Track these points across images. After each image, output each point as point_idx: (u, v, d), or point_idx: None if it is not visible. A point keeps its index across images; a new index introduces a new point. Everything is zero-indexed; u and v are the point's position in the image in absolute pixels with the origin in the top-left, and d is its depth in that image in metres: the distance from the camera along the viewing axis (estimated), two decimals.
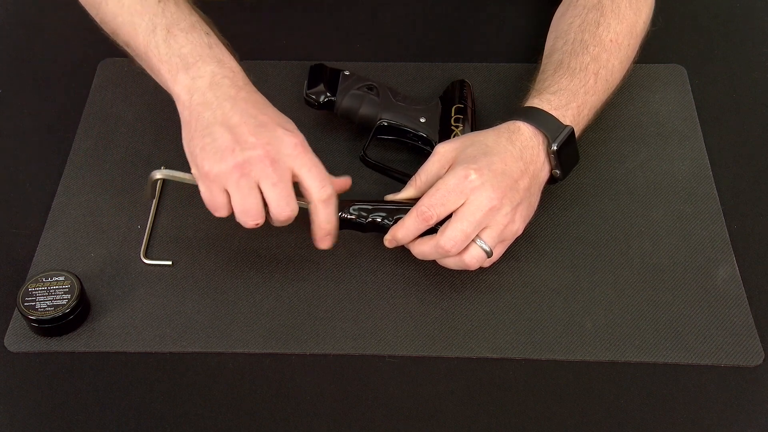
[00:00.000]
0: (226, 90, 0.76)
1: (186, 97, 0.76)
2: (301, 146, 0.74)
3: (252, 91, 0.78)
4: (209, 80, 0.76)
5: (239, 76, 0.78)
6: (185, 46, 0.77)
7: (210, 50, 0.78)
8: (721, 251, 0.82)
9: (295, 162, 0.74)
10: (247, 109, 0.75)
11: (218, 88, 0.76)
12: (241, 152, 0.72)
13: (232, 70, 0.77)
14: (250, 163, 0.72)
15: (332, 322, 0.78)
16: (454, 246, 0.74)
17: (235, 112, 0.74)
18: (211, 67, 0.77)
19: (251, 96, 0.77)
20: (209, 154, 0.73)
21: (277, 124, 0.75)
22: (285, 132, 0.74)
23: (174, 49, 0.77)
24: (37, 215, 0.86)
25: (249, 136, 0.73)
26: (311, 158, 0.75)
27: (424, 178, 0.78)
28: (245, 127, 0.73)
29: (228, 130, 0.73)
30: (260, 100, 0.77)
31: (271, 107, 0.77)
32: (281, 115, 0.77)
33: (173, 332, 0.78)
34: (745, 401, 0.73)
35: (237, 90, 0.76)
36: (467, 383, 0.75)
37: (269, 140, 0.73)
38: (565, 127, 0.79)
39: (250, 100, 0.76)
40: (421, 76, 0.98)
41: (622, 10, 0.88)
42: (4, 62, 1.02)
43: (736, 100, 0.96)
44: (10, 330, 0.78)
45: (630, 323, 0.78)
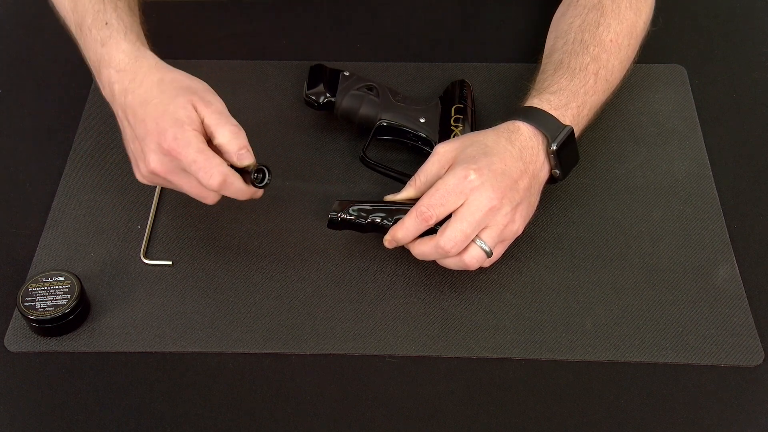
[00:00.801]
0: (119, 98, 0.78)
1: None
2: (176, 153, 0.74)
3: (137, 86, 0.77)
4: (108, 91, 0.80)
5: (124, 74, 0.78)
6: (89, 48, 0.80)
7: (103, 48, 0.79)
8: (721, 251, 0.82)
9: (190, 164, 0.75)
10: (134, 117, 0.77)
11: (116, 99, 0.79)
12: (141, 168, 0.78)
13: (117, 70, 0.78)
14: (150, 178, 0.78)
15: (332, 322, 0.78)
16: (454, 246, 0.74)
17: (128, 124, 0.78)
18: (106, 72, 0.79)
19: (134, 97, 0.77)
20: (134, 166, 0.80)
21: (154, 133, 0.75)
22: (161, 140, 0.74)
23: (86, 52, 0.82)
24: (37, 215, 0.86)
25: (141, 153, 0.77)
26: (186, 159, 0.74)
27: (423, 178, 0.78)
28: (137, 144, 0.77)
29: (131, 142, 0.79)
30: (142, 98, 0.76)
31: (151, 99, 0.76)
32: (161, 104, 0.76)
33: (173, 332, 0.78)
34: (745, 401, 0.73)
35: (124, 96, 0.78)
36: (467, 383, 0.75)
37: (151, 154, 0.75)
38: (565, 127, 0.79)
39: (133, 104, 0.77)
40: (421, 76, 0.98)
41: (622, 11, 0.88)
42: (4, 62, 1.02)
43: (736, 100, 0.96)
44: (10, 330, 0.78)
45: (630, 323, 0.78)
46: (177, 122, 0.74)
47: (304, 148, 0.91)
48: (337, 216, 0.79)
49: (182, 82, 0.78)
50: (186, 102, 0.76)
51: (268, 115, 0.94)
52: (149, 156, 0.75)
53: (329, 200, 0.81)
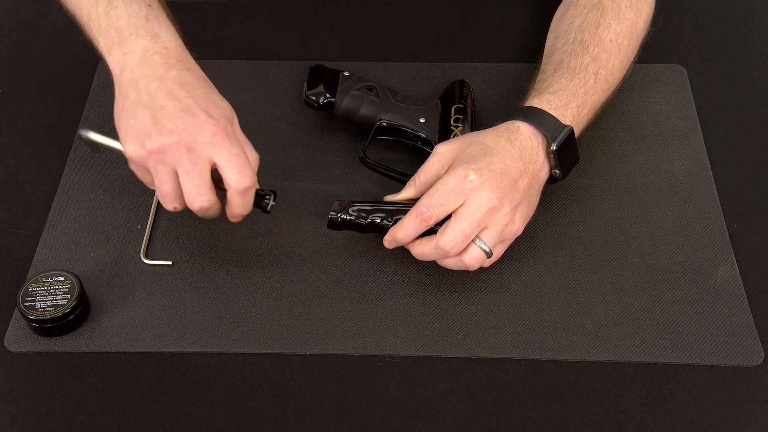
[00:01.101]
0: (154, 68, 0.74)
1: (117, 72, 0.75)
2: (221, 134, 0.72)
3: (184, 68, 0.75)
4: (139, 56, 0.74)
5: (173, 53, 0.75)
6: (123, 17, 0.75)
7: (147, 23, 0.75)
8: (721, 251, 0.82)
9: (213, 151, 0.72)
10: (173, 90, 0.73)
11: (147, 66, 0.74)
12: (157, 137, 0.72)
13: (165, 45, 0.75)
14: (164, 150, 0.72)
15: (332, 322, 0.78)
16: (454, 246, 0.74)
17: (160, 93, 0.73)
18: (143, 41, 0.74)
19: (181, 75, 0.74)
20: (131, 137, 0.73)
21: (201, 109, 0.72)
22: (207, 118, 0.72)
23: (112, 20, 0.75)
24: (37, 215, 0.86)
25: (168, 121, 0.72)
26: (229, 147, 0.72)
27: (423, 178, 0.78)
28: (167, 111, 0.72)
29: (150, 112, 0.72)
30: (190, 80, 0.74)
31: (201, 87, 0.75)
32: (212, 97, 0.75)
33: (173, 332, 0.78)
34: (745, 401, 0.73)
35: (166, 68, 0.74)
36: (467, 383, 0.75)
37: (187, 127, 0.72)
38: (565, 127, 0.79)
39: (179, 80, 0.74)
40: (421, 76, 0.98)
41: (622, 11, 0.88)
42: (4, 62, 1.02)
43: (736, 100, 0.96)
44: (10, 330, 0.78)
45: (630, 323, 0.78)
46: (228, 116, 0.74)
47: (304, 148, 0.91)
48: (336, 216, 0.79)
49: (220, 97, 0.77)
50: (228, 107, 0.75)
51: (268, 115, 0.94)
52: (182, 128, 0.71)
53: (329, 200, 0.81)
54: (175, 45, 0.76)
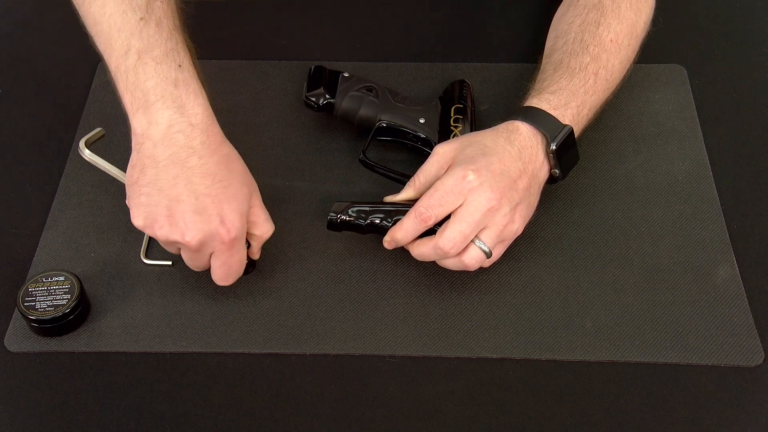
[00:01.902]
0: (177, 151, 0.71)
1: (139, 139, 0.72)
2: (227, 244, 0.73)
3: (207, 153, 0.72)
4: (164, 132, 0.71)
5: (197, 130, 0.71)
6: (151, 78, 0.71)
7: (175, 89, 0.71)
8: (721, 251, 0.82)
9: (216, 258, 0.75)
10: (192, 182, 0.71)
11: (170, 146, 0.71)
12: (168, 232, 0.72)
13: (190, 122, 0.71)
14: (171, 242, 0.74)
15: (332, 322, 0.78)
16: (453, 247, 0.74)
17: (180, 183, 0.71)
18: (169, 113, 0.71)
19: (203, 163, 0.72)
20: (141, 213, 0.73)
21: (217, 213, 0.71)
22: (219, 226, 0.72)
23: (140, 79, 0.71)
24: (37, 215, 0.86)
25: (181, 219, 0.71)
26: (227, 258, 0.74)
27: (422, 179, 0.78)
28: (182, 207, 0.71)
29: (166, 202, 0.71)
30: (212, 169, 0.72)
31: (222, 179, 0.72)
32: (231, 189, 0.72)
33: (173, 332, 0.78)
34: (745, 401, 0.73)
35: (189, 153, 0.71)
36: (467, 383, 0.75)
37: (199, 231, 0.71)
38: (564, 127, 0.79)
39: (200, 171, 0.71)
40: (421, 76, 0.98)
41: (622, 11, 0.88)
42: (4, 62, 1.02)
43: (736, 100, 0.96)
44: (10, 330, 0.78)
45: (630, 323, 0.78)
46: (242, 220, 0.73)
47: (304, 148, 0.91)
48: (336, 217, 0.79)
49: (236, 163, 0.75)
50: (248, 194, 0.75)
51: (268, 115, 0.94)
52: (193, 232, 0.71)
53: (329, 200, 0.81)
54: (202, 119, 0.72)
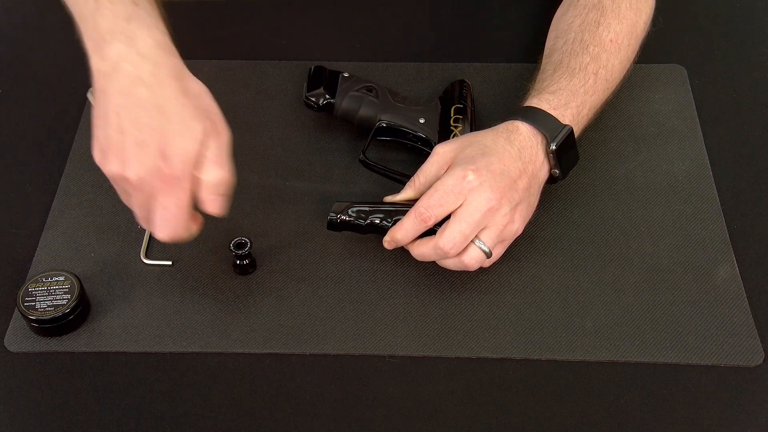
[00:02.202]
0: (124, 82, 0.69)
1: (94, 76, 0.71)
2: (166, 182, 0.69)
3: (156, 84, 0.69)
4: (113, 64, 0.69)
5: (146, 61, 0.69)
6: (107, 19, 0.70)
7: (127, 25, 0.70)
8: (721, 251, 0.82)
9: (155, 199, 0.70)
10: (137, 114, 0.69)
11: (117, 77, 0.69)
12: (111, 165, 0.70)
13: (139, 53, 0.69)
14: (115, 179, 0.71)
15: (332, 322, 0.78)
16: (453, 247, 0.74)
17: (123, 114, 0.69)
18: (119, 46, 0.69)
19: (151, 95, 0.69)
20: (95, 147, 0.71)
21: (158, 147, 0.68)
22: (160, 160, 0.68)
23: (97, 23, 0.71)
24: (37, 215, 0.86)
25: (123, 151, 0.69)
26: (164, 200, 0.70)
27: (422, 179, 0.78)
28: (126, 138, 0.69)
29: (112, 133, 0.69)
30: (160, 101, 0.69)
31: (171, 111, 0.69)
32: (177, 126, 0.69)
33: (173, 332, 0.78)
34: (745, 401, 0.73)
35: (136, 83, 0.69)
36: (467, 383, 0.75)
37: (140, 165, 0.69)
38: (564, 127, 0.79)
39: (147, 102, 0.69)
40: (421, 76, 0.98)
41: (622, 11, 0.88)
42: (4, 62, 1.02)
43: (736, 100, 0.96)
44: (10, 330, 0.78)
45: (630, 323, 0.78)
46: (187, 160, 0.69)
47: (304, 148, 0.91)
48: (336, 218, 0.79)
49: (203, 100, 0.71)
50: (200, 131, 0.69)
51: (268, 115, 0.94)
52: (134, 165, 0.69)
53: (329, 200, 0.81)
54: (152, 50, 0.70)
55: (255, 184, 0.88)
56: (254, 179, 0.88)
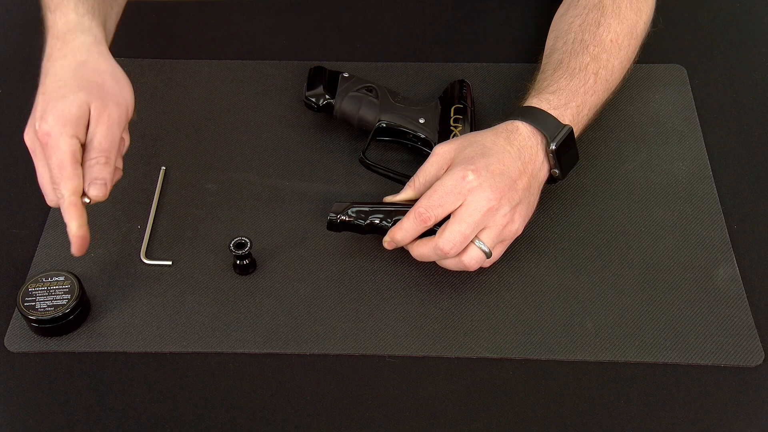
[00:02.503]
0: (44, 62, 0.78)
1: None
2: (40, 141, 0.74)
3: (58, 57, 0.77)
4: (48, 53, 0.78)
5: (55, 39, 0.78)
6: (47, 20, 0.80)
7: (51, 15, 0.79)
8: (721, 251, 0.82)
9: (34, 158, 0.76)
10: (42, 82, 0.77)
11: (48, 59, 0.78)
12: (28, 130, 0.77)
13: (54, 36, 0.78)
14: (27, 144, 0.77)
15: (332, 322, 0.78)
16: (453, 247, 0.74)
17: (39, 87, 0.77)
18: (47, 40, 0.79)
19: (51, 65, 0.77)
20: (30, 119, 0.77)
21: (41, 108, 0.74)
22: (39, 119, 0.74)
23: (56, 23, 0.79)
24: (37, 215, 0.86)
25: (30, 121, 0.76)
26: (40, 158, 0.75)
27: (422, 179, 0.78)
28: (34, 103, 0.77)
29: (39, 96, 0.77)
30: (55, 69, 0.76)
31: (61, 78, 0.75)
32: (66, 89, 0.75)
33: (173, 332, 0.78)
34: (745, 401, 0.73)
35: (46, 59, 0.78)
36: (467, 383, 0.75)
37: (28, 128, 0.76)
38: (564, 127, 0.79)
39: (47, 71, 0.77)
40: (421, 76, 0.98)
41: (622, 11, 0.88)
42: (4, 62, 1.02)
43: (736, 100, 0.96)
44: (10, 330, 0.78)
45: (630, 323, 0.78)
46: (62, 119, 0.73)
47: (304, 148, 0.91)
48: (336, 218, 0.79)
49: (98, 76, 0.76)
50: (84, 101, 0.74)
51: (268, 115, 0.94)
52: (28, 128, 0.76)
53: (329, 200, 0.81)
54: (64, 31, 0.78)
55: (255, 184, 0.88)
56: (254, 179, 0.88)
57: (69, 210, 0.73)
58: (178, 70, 0.99)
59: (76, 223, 0.73)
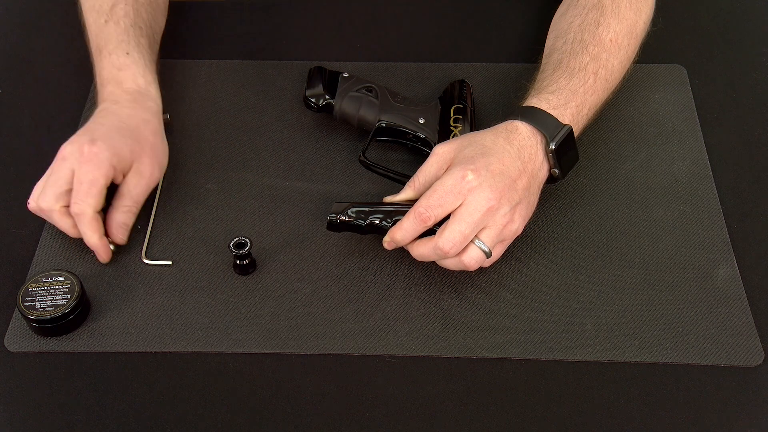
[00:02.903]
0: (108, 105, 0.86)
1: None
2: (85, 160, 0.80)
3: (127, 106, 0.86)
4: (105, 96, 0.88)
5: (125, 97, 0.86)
6: (105, 67, 0.88)
7: (119, 72, 0.88)
8: (721, 251, 0.82)
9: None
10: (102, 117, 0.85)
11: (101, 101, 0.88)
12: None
13: (125, 90, 0.87)
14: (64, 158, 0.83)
15: (332, 322, 0.78)
16: (453, 247, 0.74)
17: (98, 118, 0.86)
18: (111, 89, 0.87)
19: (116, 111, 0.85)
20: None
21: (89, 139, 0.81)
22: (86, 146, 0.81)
23: (101, 69, 0.89)
24: (37, 215, 0.86)
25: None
26: (82, 173, 0.80)
27: (422, 179, 0.78)
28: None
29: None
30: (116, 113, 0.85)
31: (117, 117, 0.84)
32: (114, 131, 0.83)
33: (173, 332, 0.78)
34: (745, 401, 0.73)
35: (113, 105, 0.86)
36: (467, 383, 0.75)
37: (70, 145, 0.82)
38: (563, 126, 0.79)
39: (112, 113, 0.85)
40: (421, 76, 0.98)
41: (622, 11, 0.88)
42: (4, 62, 1.02)
43: (736, 100, 0.96)
44: (10, 330, 0.78)
45: (630, 323, 0.78)
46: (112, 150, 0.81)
47: (304, 148, 0.91)
48: (336, 218, 0.79)
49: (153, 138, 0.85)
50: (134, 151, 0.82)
51: (268, 115, 0.94)
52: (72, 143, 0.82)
53: (329, 200, 0.81)
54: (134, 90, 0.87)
55: (255, 184, 0.88)
56: (254, 179, 0.88)
57: (91, 224, 0.80)
58: (178, 70, 0.99)
59: (97, 235, 0.80)
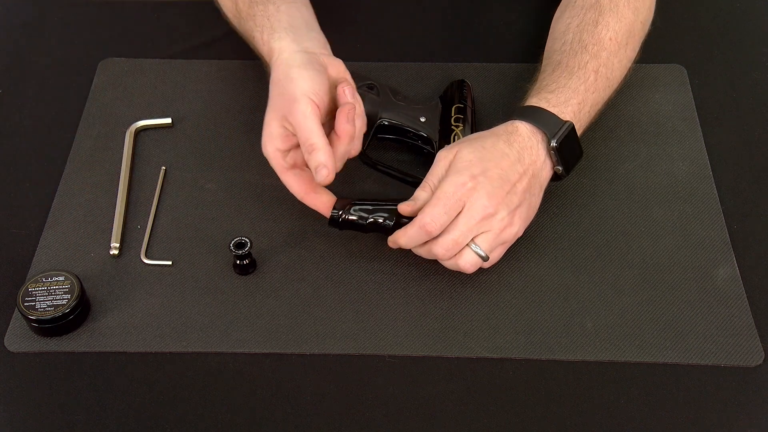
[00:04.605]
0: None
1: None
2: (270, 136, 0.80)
3: (276, 76, 0.81)
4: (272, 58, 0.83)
5: (275, 64, 0.82)
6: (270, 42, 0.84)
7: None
8: (721, 251, 0.82)
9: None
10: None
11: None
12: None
13: (279, 52, 0.82)
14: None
15: (332, 322, 0.78)
16: (446, 252, 0.75)
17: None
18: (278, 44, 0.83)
19: (273, 80, 0.81)
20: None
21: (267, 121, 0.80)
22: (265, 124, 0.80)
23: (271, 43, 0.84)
24: (37, 215, 0.86)
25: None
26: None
27: (435, 180, 0.77)
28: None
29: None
30: (273, 86, 0.81)
31: (272, 95, 0.81)
32: (272, 102, 0.80)
33: (173, 332, 0.78)
34: (745, 401, 0.73)
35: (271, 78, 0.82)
36: (467, 383, 0.75)
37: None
38: (565, 123, 0.79)
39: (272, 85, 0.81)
40: (421, 76, 0.98)
41: (620, 9, 0.88)
42: (4, 62, 1.02)
43: (736, 100, 0.96)
44: (10, 330, 0.78)
45: (630, 323, 0.78)
46: (270, 126, 0.80)
47: None
48: (338, 215, 0.79)
49: (282, 87, 0.80)
50: (280, 106, 0.79)
51: None
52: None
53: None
54: (279, 53, 0.83)
55: (255, 184, 0.88)
56: (254, 179, 0.88)
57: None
58: (178, 70, 0.99)
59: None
